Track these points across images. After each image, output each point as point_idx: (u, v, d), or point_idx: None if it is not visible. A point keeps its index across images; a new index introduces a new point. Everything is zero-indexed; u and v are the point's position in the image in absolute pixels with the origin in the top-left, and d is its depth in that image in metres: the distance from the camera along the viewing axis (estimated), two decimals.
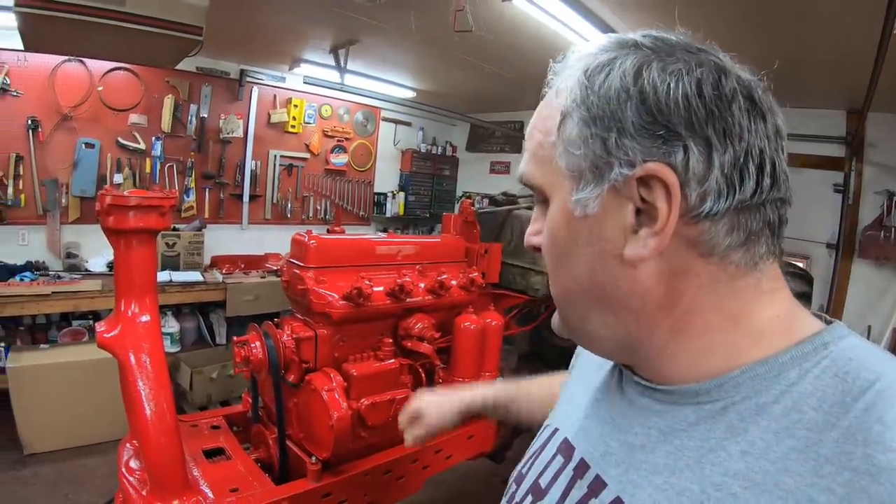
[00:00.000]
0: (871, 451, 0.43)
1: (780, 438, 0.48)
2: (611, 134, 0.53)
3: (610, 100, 0.53)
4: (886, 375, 0.48)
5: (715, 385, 0.54)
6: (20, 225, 4.49)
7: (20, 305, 3.84)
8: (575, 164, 0.56)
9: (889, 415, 0.44)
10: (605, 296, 0.58)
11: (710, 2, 2.90)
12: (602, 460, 0.62)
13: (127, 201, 1.57)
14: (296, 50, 5.05)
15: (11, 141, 4.33)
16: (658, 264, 0.55)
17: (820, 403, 0.48)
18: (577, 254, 0.58)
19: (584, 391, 0.75)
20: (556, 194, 0.59)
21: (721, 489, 0.49)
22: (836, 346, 0.52)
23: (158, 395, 1.56)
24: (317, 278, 2.11)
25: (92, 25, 2.54)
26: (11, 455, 3.52)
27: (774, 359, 0.53)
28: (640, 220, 0.54)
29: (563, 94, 0.58)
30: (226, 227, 5.69)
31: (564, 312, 0.65)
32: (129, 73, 4.82)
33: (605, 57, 0.55)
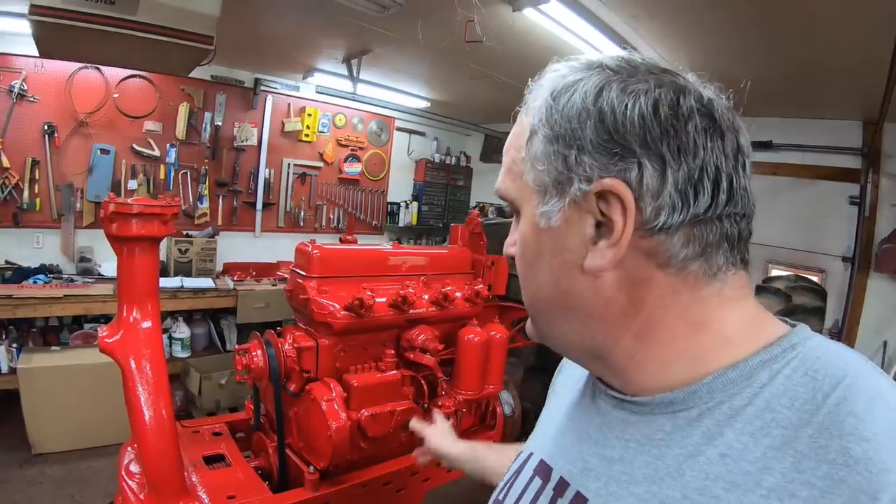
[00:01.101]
0: (847, 443, 0.46)
1: (757, 439, 0.50)
2: (571, 151, 0.56)
3: (571, 119, 0.56)
4: (853, 371, 0.51)
5: (688, 393, 0.56)
6: (35, 228, 4.57)
7: (33, 307, 3.90)
8: (540, 179, 0.59)
9: (860, 407, 0.47)
10: (570, 303, 0.61)
11: (721, 11, 2.89)
12: (581, 476, 0.64)
13: (130, 209, 1.59)
14: (309, 59, 5.09)
15: (28, 145, 4.41)
16: (618, 274, 0.57)
17: (792, 402, 0.50)
18: (543, 263, 0.62)
19: (558, 411, 0.76)
20: (525, 207, 0.62)
21: (703, 493, 0.51)
22: (804, 346, 0.55)
23: (157, 400, 1.58)
24: (319, 288, 2.11)
25: (104, 34, 2.58)
26: (20, 454, 3.58)
27: (745, 363, 0.55)
28: (599, 232, 0.56)
29: (531, 112, 0.61)
30: (239, 235, 5.73)
31: (535, 319, 0.68)
32: (144, 81, 4.89)
33: (572, 78, 0.58)
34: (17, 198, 4.41)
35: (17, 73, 4.29)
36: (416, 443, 2.29)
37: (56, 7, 2.46)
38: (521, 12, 3.08)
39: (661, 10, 3.03)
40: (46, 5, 2.46)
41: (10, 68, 4.28)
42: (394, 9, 3.22)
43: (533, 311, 0.68)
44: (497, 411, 2.80)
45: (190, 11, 2.74)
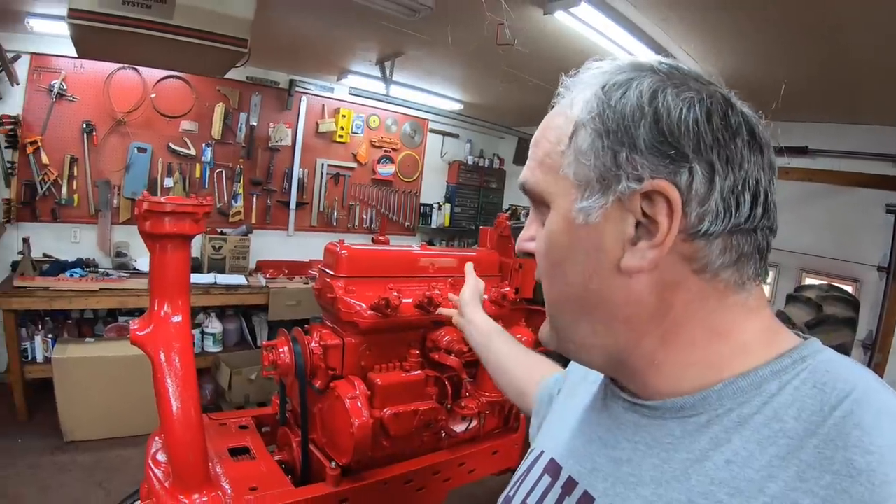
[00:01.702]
0: (851, 455, 0.46)
1: (763, 447, 0.51)
2: (622, 148, 0.55)
3: (625, 116, 0.56)
4: (861, 386, 0.51)
5: (699, 399, 0.57)
6: (73, 223, 4.71)
7: (69, 300, 4.02)
8: (583, 173, 0.58)
9: (866, 420, 0.48)
10: (598, 304, 0.60)
11: (753, 13, 2.85)
12: (589, 476, 0.65)
13: (163, 207, 1.63)
14: (343, 61, 5.14)
15: (67, 143, 4.55)
16: (652, 276, 0.57)
17: (800, 413, 0.51)
18: (573, 261, 0.60)
19: (571, 412, 0.77)
20: (559, 201, 0.61)
21: (707, 497, 0.52)
22: (814, 359, 0.55)
23: (185, 392, 1.62)
24: (346, 288, 2.13)
25: (140, 37, 2.65)
26: (52, 441, 3.70)
27: (755, 372, 0.56)
28: (638, 233, 0.56)
29: (578, 106, 0.60)
30: (272, 233, 5.81)
31: (556, 320, 0.66)
32: (181, 82, 5.01)
33: (623, 77, 0.58)
34: (56, 193, 4.56)
35: (57, 74, 4.44)
36: (438, 444, 2.32)
37: (94, 11, 2.54)
38: (553, 15, 3.08)
39: (690, 13, 3.00)
40: (84, 9, 2.54)
41: (50, 69, 4.42)
42: (424, 12, 3.25)
43: (555, 312, 0.66)
44: (520, 414, 2.80)
45: (224, 15, 2.81)
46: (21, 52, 4.30)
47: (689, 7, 2.91)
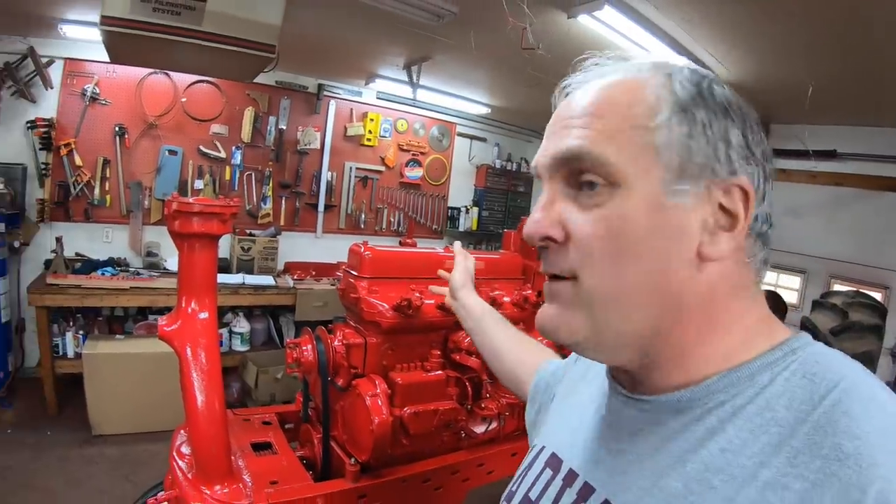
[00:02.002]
0: (840, 440, 0.48)
1: (756, 435, 0.53)
2: (722, 143, 0.59)
3: (725, 112, 0.60)
4: (849, 376, 0.53)
5: (695, 393, 0.59)
6: (105, 223, 4.85)
7: (100, 297, 4.14)
8: (682, 157, 0.58)
9: (854, 408, 0.50)
10: (667, 291, 0.59)
11: (777, 14, 2.82)
12: (589, 468, 0.67)
13: (191, 208, 1.68)
14: (371, 66, 5.20)
15: (100, 146, 4.69)
16: (717, 266, 0.59)
17: (791, 402, 0.53)
18: (651, 245, 0.58)
19: (571, 409, 0.79)
20: (640, 181, 0.58)
21: (702, 483, 0.54)
22: (804, 351, 0.58)
23: (210, 387, 1.66)
24: (369, 288, 2.16)
25: (170, 43, 2.72)
26: (81, 435, 3.82)
27: (748, 364, 0.58)
28: (714, 223, 0.59)
29: (658, 88, 0.60)
30: (300, 235, 5.89)
31: (606, 311, 0.60)
32: (211, 86, 5.12)
33: (703, 76, 0.62)
34: (89, 194, 4.70)
35: (90, 78, 4.58)
36: (457, 444, 2.33)
37: (125, 18, 2.61)
38: (576, 19, 3.09)
39: (714, 14, 2.98)
40: (116, 16, 2.61)
41: (83, 73, 4.57)
42: (448, 17, 3.28)
43: (612, 301, 0.60)
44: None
45: (253, 21, 2.87)
46: (55, 58, 4.45)
47: (711, 7, 2.89)
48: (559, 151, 0.63)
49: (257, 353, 4.81)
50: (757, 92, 4.06)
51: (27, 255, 4.54)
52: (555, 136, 0.64)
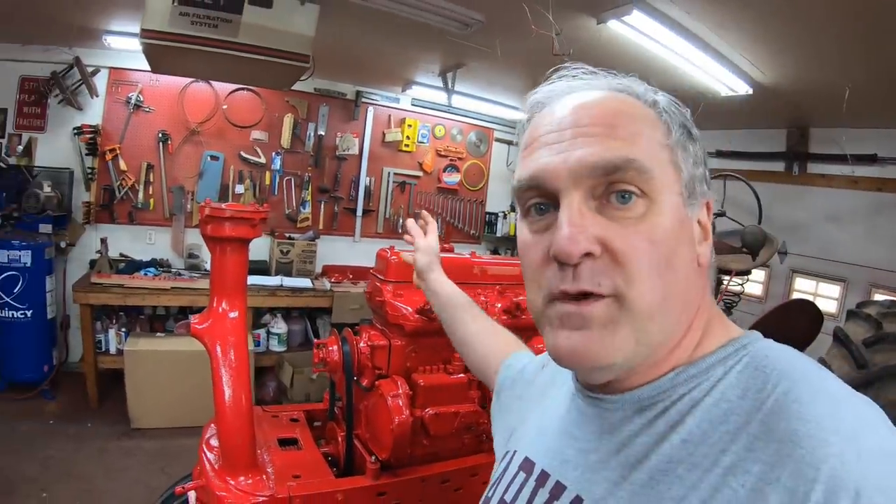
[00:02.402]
0: (792, 424, 0.51)
1: (714, 425, 0.57)
2: (703, 164, 0.68)
3: (699, 140, 0.68)
4: (798, 366, 0.58)
5: (655, 389, 0.63)
6: (148, 226, 5.04)
7: (142, 297, 4.31)
8: (690, 173, 0.65)
9: (804, 395, 0.54)
10: (688, 297, 0.64)
11: (813, 16, 2.78)
12: (560, 468, 0.70)
13: (223, 213, 1.76)
14: (407, 73, 5.26)
15: (144, 151, 4.89)
16: (704, 270, 0.68)
17: (745, 392, 0.57)
18: (681, 255, 0.62)
19: (541, 414, 0.83)
20: (667, 194, 0.61)
21: (668, 474, 0.57)
22: (754, 346, 0.63)
23: (237, 382, 1.73)
24: (395, 292, 2.21)
25: (208, 54, 2.83)
26: (120, 428, 3.99)
27: (703, 360, 0.63)
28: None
29: (664, 107, 0.67)
30: (339, 239, 5.97)
31: (652, 324, 0.60)
32: (251, 94, 5.27)
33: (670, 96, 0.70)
34: (133, 198, 4.90)
35: (134, 87, 4.78)
36: (478, 446, 2.36)
37: (164, 31, 2.73)
38: (606, 24, 3.09)
39: (747, 18, 2.94)
40: (156, 29, 2.73)
41: (127, 82, 4.77)
42: (475, 26, 3.32)
43: (659, 313, 0.60)
44: None
45: (287, 32, 2.96)
46: (100, 67, 4.66)
47: (745, 11, 2.86)
48: (596, 159, 0.59)
49: (294, 353, 4.92)
50: (793, 96, 3.98)
51: (73, 255, 4.75)
52: (571, 143, 0.61)
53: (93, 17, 3.88)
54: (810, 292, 5.00)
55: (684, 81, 3.77)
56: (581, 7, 3.03)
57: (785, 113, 4.60)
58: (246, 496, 1.71)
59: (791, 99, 4.08)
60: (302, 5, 2.99)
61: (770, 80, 3.74)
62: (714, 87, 3.85)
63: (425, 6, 3.10)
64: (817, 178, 4.90)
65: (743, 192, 3.63)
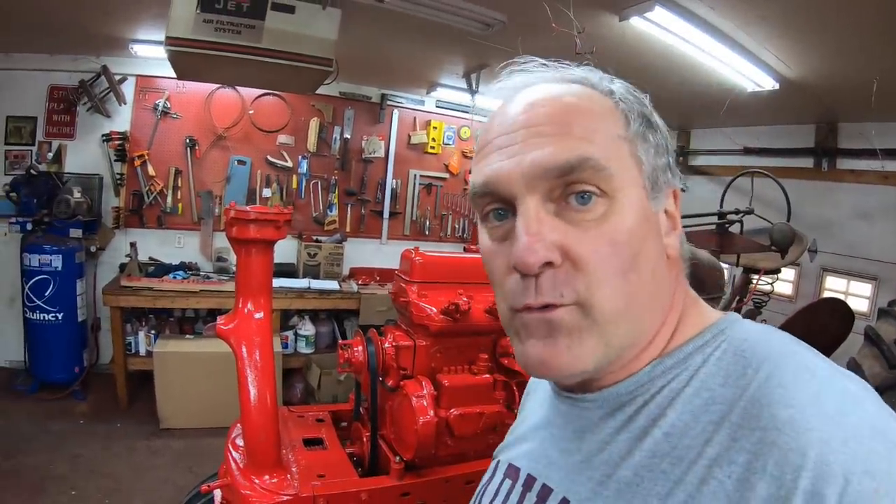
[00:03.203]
0: (775, 410, 0.50)
1: (697, 416, 0.55)
2: (668, 153, 0.65)
3: (661, 129, 0.66)
4: (777, 347, 0.57)
5: (633, 383, 0.61)
6: (177, 230, 5.13)
7: (171, 299, 4.39)
8: (652, 165, 0.62)
9: (786, 379, 0.52)
10: (658, 294, 0.62)
11: (836, 10, 2.73)
12: (546, 471, 0.69)
13: (247, 215, 1.79)
14: (432, 75, 5.28)
15: (172, 157, 4.97)
16: (673, 262, 0.65)
17: (725, 379, 0.56)
18: (646, 252, 0.59)
19: (524, 419, 0.82)
20: (630, 191, 0.59)
21: (652, 470, 0.55)
22: (732, 330, 0.61)
23: (262, 382, 1.75)
24: (419, 292, 2.22)
25: (232, 60, 2.87)
26: (148, 427, 4.06)
27: (680, 350, 0.61)
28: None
29: (621, 97, 0.64)
30: (365, 241, 5.98)
31: (616, 328, 0.58)
32: (277, 98, 5.32)
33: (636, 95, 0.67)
34: (161, 202, 4.98)
35: (161, 94, 4.87)
36: None
37: (189, 38, 2.78)
38: (628, 21, 3.07)
39: (773, 12, 2.89)
40: (180, 36, 2.78)
41: (154, 89, 4.86)
42: (497, 26, 3.32)
43: (623, 317, 0.58)
44: None
45: (310, 37, 2.99)
46: (127, 75, 4.76)
47: (770, 5, 2.81)
48: (551, 160, 0.57)
49: (321, 355, 4.96)
50: (821, 90, 3.91)
51: (103, 259, 4.85)
52: (524, 145, 0.58)
53: (119, 26, 3.97)
54: (841, 291, 4.89)
55: (709, 78, 3.72)
56: (603, 4, 3.01)
57: (812, 108, 4.52)
58: (270, 495, 1.73)
59: (818, 93, 4.00)
60: (324, 10, 3.02)
61: (797, 74, 3.67)
62: (740, 83, 3.79)
63: (446, 7, 3.11)
64: (847, 174, 4.79)
65: (771, 189, 3.55)
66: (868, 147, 4.21)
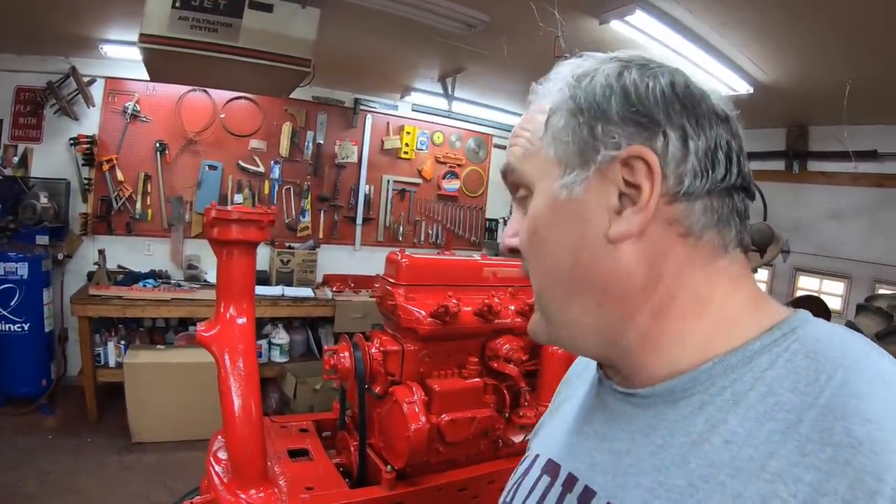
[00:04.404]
0: (850, 425, 0.45)
1: (761, 423, 0.50)
2: (597, 122, 0.58)
3: (596, 94, 0.58)
4: (853, 352, 0.51)
5: (689, 380, 0.56)
6: (146, 237, 4.99)
7: (141, 308, 4.24)
8: (563, 150, 0.60)
9: (862, 388, 0.47)
10: (589, 279, 0.59)
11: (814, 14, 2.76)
12: (589, 472, 0.63)
13: (229, 215, 1.72)
14: (406, 79, 5.25)
15: (141, 161, 4.84)
16: (639, 245, 0.57)
17: (795, 385, 0.50)
18: (560, 238, 0.61)
19: (565, 413, 0.76)
20: (543, 183, 0.62)
21: (708, 480, 0.51)
22: (803, 329, 0.55)
23: (247, 391, 1.68)
24: (406, 295, 2.17)
25: (208, 59, 2.80)
26: (119, 441, 3.92)
27: (745, 347, 0.55)
28: (622, 203, 0.57)
29: (550, 96, 0.63)
30: (339, 248, 5.93)
31: (546, 306, 0.65)
32: (249, 102, 5.24)
33: (589, 65, 0.62)
34: (130, 208, 4.84)
35: (131, 96, 4.74)
36: (494, 452, 2.31)
37: (164, 35, 2.70)
38: (608, 25, 3.08)
39: (749, 17, 2.92)
40: (155, 34, 2.70)
41: (124, 91, 4.74)
42: (479, 27, 3.30)
43: (545, 297, 0.65)
44: None
45: (288, 36, 2.94)
46: (96, 76, 4.62)
47: (746, 10, 2.84)
48: (501, 166, 0.69)
49: (296, 364, 4.85)
50: (793, 94, 3.98)
51: (70, 267, 4.68)
52: (508, 152, 0.69)
53: (89, 25, 3.85)
54: (814, 290, 5.00)
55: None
56: (584, 8, 3.01)
57: (784, 112, 4.61)
58: None
59: (791, 97, 4.07)
60: (303, 9, 2.96)
61: (770, 78, 3.73)
62: (715, 87, 3.82)
63: (430, 7, 3.08)
64: (818, 176, 4.92)
65: None
66: (839, 149, 4.29)
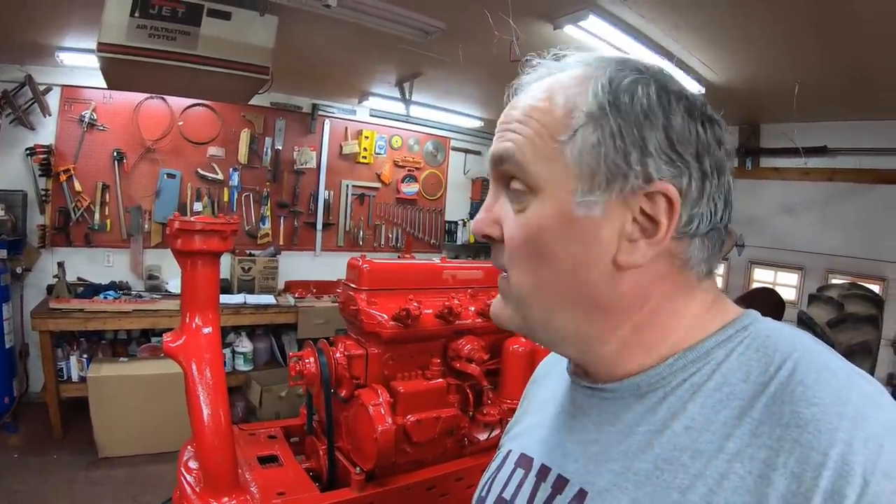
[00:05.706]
0: (797, 408, 0.51)
1: (717, 410, 0.56)
2: (634, 149, 0.57)
3: (638, 119, 0.58)
4: (800, 346, 0.57)
5: (653, 375, 0.62)
6: (105, 248, 4.88)
7: (103, 321, 4.16)
8: (590, 168, 0.58)
9: (809, 377, 0.53)
10: (583, 295, 0.61)
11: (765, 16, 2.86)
12: (561, 461, 0.68)
13: (192, 226, 1.73)
14: (364, 84, 5.25)
15: (98, 171, 4.73)
16: (642, 271, 0.60)
17: (747, 375, 0.56)
18: (566, 252, 0.60)
19: (537, 409, 0.81)
20: (553, 191, 0.60)
21: (672, 462, 0.56)
22: (754, 326, 0.61)
23: (215, 400, 1.70)
24: (369, 300, 2.20)
25: (167, 68, 2.78)
26: (86, 457, 3.82)
27: (702, 343, 0.61)
28: (632, 230, 0.59)
29: (576, 96, 0.60)
30: (300, 254, 5.90)
31: (530, 308, 0.65)
32: (207, 109, 5.17)
33: (626, 77, 0.60)
34: (89, 219, 4.73)
35: (87, 105, 4.63)
36: (461, 451, 2.36)
37: (122, 44, 2.68)
38: (562, 30, 3.14)
39: (701, 20, 3.03)
40: (113, 42, 2.67)
41: (80, 100, 4.62)
42: (435, 34, 3.35)
43: (530, 299, 0.64)
44: None
45: (246, 44, 2.94)
46: (52, 85, 4.50)
47: (699, 12, 2.93)
48: (496, 151, 0.65)
49: (260, 372, 4.82)
50: (745, 93, 4.11)
51: (29, 280, 4.56)
52: (497, 136, 0.66)
53: (45, 33, 3.77)
54: (769, 282, 5.17)
55: None
56: (538, 14, 3.08)
57: (736, 110, 4.76)
58: None
59: (742, 97, 4.21)
60: (261, 17, 2.97)
61: (722, 79, 3.86)
62: None
63: (387, 15, 3.11)
64: (770, 172, 5.09)
65: None
66: (789, 146, 4.46)
